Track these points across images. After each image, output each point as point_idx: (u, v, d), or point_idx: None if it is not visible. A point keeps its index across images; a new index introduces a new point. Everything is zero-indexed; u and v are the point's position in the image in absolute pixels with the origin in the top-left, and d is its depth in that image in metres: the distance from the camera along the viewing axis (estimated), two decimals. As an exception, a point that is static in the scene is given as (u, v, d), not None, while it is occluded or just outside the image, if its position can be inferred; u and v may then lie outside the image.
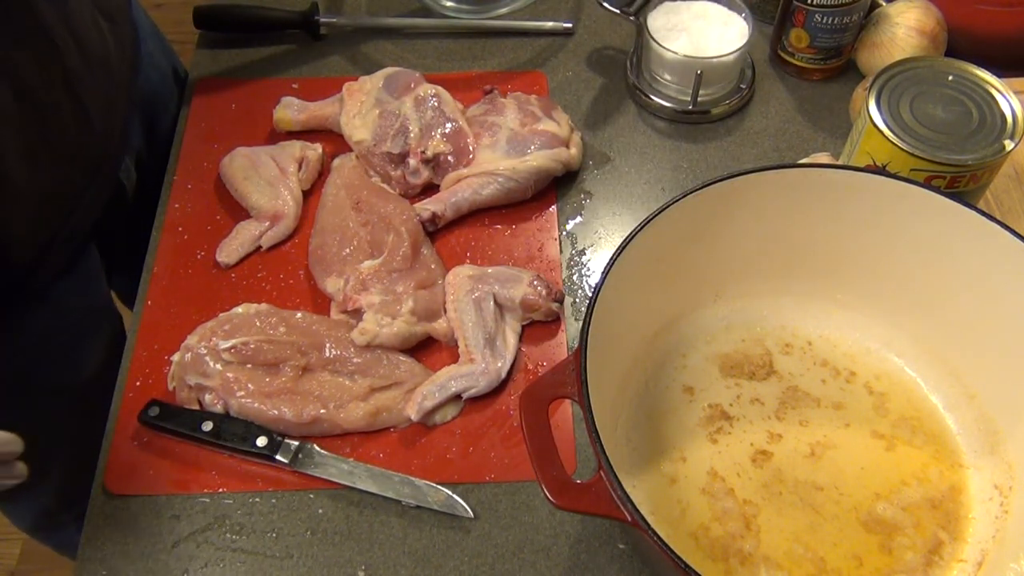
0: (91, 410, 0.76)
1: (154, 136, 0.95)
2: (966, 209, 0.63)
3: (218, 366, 0.73)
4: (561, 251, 0.83)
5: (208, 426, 0.71)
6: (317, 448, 0.71)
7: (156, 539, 0.68)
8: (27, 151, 0.70)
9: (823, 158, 0.85)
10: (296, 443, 0.71)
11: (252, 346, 0.73)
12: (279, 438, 0.71)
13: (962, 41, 0.91)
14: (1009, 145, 0.70)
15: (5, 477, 0.62)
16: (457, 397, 0.73)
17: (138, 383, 0.75)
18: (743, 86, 0.93)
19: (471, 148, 0.85)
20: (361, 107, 0.88)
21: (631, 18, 0.92)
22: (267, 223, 0.84)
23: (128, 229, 0.93)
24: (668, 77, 0.91)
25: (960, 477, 0.67)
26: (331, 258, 0.80)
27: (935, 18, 0.89)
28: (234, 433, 0.71)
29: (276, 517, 0.69)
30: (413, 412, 0.71)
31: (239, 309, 0.77)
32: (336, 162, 0.88)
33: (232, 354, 0.73)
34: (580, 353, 0.56)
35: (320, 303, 0.80)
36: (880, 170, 0.73)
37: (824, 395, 0.71)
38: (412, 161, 0.85)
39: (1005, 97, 0.72)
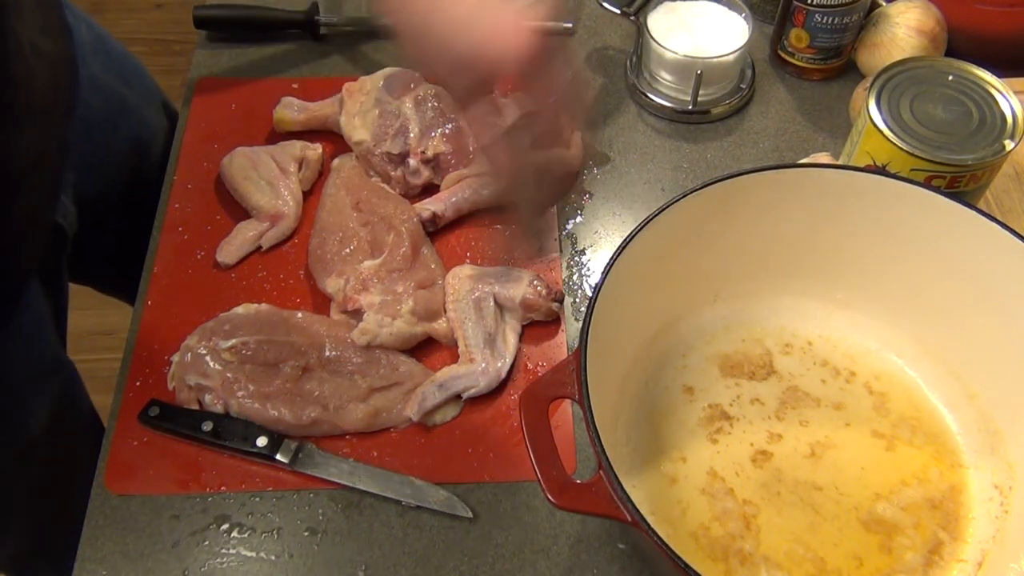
0: (47, 465, 0.74)
1: (105, 158, 0.89)
2: (966, 209, 0.63)
3: (218, 366, 0.73)
4: (561, 251, 0.83)
5: (208, 426, 0.71)
6: (317, 448, 0.71)
7: (156, 539, 0.68)
8: None
9: (823, 158, 0.85)
10: (296, 443, 0.71)
11: (252, 346, 0.73)
12: (279, 438, 0.71)
13: (962, 41, 0.91)
14: (1009, 145, 0.70)
15: None
16: (457, 397, 0.73)
17: (138, 383, 0.75)
18: (743, 86, 0.93)
19: (471, 148, 0.85)
20: (361, 107, 0.88)
21: (631, 18, 0.92)
22: (267, 223, 0.84)
23: (118, 232, 0.93)
24: (668, 77, 0.91)
25: (960, 477, 0.67)
26: (331, 258, 0.80)
27: (935, 18, 0.89)
28: (234, 433, 0.71)
29: (276, 517, 0.69)
30: (413, 412, 0.71)
31: (239, 309, 0.77)
32: (336, 162, 0.88)
33: (232, 354, 0.73)
34: (580, 353, 0.56)
35: (320, 303, 0.80)
36: (880, 170, 0.73)
37: (824, 395, 0.71)
38: (412, 161, 0.85)
39: (1005, 97, 0.72)
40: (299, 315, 0.77)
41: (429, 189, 0.86)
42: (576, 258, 0.83)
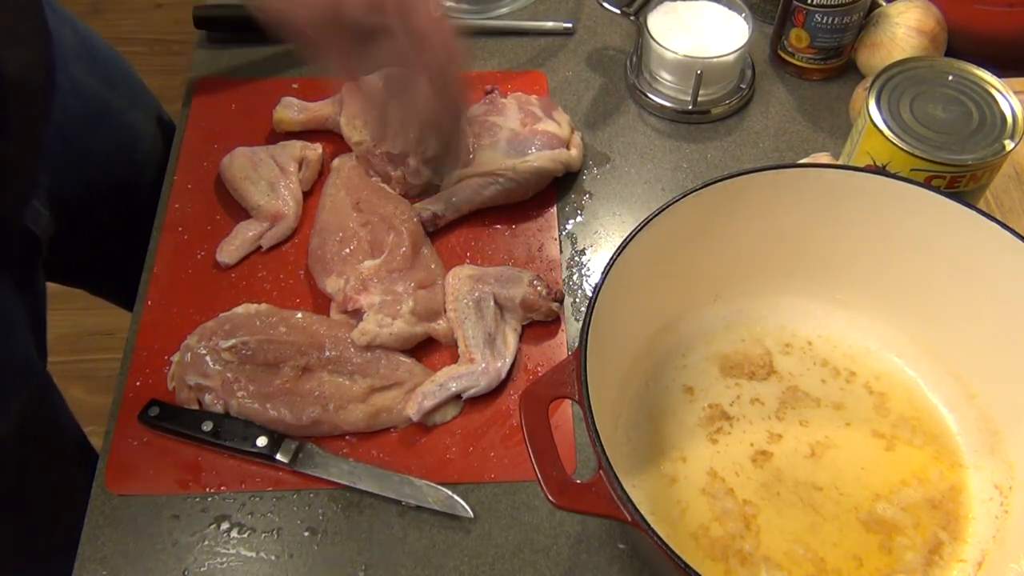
0: (20, 472, 0.73)
1: (84, 166, 0.88)
2: (966, 209, 0.63)
3: (218, 366, 0.73)
4: (561, 251, 0.83)
5: (208, 426, 0.71)
6: (317, 448, 0.71)
7: (156, 539, 0.68)
8: None
9: (823, 158, 0.85)
10: (296, 443, 0.71)
11: (252, 346, 0.73)
12: (279, 438, 0.71)
13: (962, 41, 0.91)
14: (1009, 145, 0.70)
15: None
16: (457, 397, 0.73)
17: (138, 383, 0.75)
18: (743, 86, 0.93)
19: (471, 148, 0.85)
20: (361, 107, 0.88)
21: (631, 18, 0.92)
22: (267, 223, 0.84)
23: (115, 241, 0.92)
24: (668, 77, 0.91)
25: (960, 477, 0.67)
26: (331, 258, 0.80)
27: (935, 18, 0.89)
28: (234, 433, 0.71)
29: (276, 517, 0.69)
30: (413, 412, 0.71)
31: (239, 309, 0.77)
32: (336, 162, 0.88)
33: (232, 354, 0.73)
34: (580, 353, 0.56)
35: (320, 303, 0.80)
36: (880, 170, 0.73)
37: (824, 395, 0.71)
38: (412, 161, 0.85)
39: (1005, 97, 0.72)
40: (299, 315, 0.77)
41: (429, 189, 0.86)
42: (576, 258, 0.83)
